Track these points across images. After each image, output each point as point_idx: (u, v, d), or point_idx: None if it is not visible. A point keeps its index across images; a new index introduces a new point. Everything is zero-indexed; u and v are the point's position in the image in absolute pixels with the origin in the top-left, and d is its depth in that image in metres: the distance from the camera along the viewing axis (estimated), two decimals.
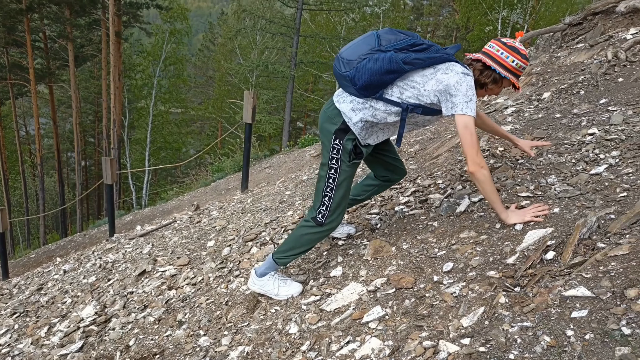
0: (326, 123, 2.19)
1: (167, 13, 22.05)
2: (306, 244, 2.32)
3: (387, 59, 1.97)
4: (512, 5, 20.47)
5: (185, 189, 12.53)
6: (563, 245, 1.76)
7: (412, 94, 2.04)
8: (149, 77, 23.63)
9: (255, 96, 5.83)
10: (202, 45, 40.07)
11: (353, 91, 2.07)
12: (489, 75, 2.09)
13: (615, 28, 4.87)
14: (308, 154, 7.67)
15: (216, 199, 6.81)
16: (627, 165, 2.13)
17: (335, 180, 2.20)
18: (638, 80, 3.11)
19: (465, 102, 1.96)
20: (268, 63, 19.34)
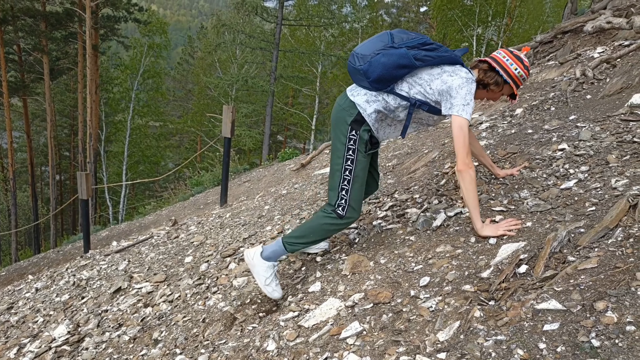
0: (341, 116, 2.26)
1: (146, 27, 21.94)
2: (322, 235, 2.33)
3: (399, 55, 2.11)
4: (486, 23, 21.06)
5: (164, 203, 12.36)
6: (535, 259, 1.80)
7: (419, 91, 2.18)
8: (126, 90, 23.40)
9: (234, 110, 5.83)
10: (182, 59, 39.93)
11: (366, 84, 2.20)
12: (492, 77, 2.22)
13: (584, 46, 5.06)
14: (288, 167, 7.67)
15: (195, 213, 6.74)
16: (596, 180, 2.20)
17: (352, 172, 2.25)
18: (605, 97, 3.23)
19: (462, 105, 2.09)
20: (248, 77, 19.39)
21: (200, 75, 28.33)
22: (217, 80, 21.78)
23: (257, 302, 2.48)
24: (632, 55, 3.64)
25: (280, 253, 2.38)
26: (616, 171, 2.20)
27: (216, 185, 9.43)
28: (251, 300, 2.51)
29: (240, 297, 2.60)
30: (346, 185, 2.27)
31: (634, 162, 2.22)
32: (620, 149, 2.37)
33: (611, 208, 1.87)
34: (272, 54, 19.24)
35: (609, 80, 3.43)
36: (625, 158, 2.28)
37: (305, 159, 7.05)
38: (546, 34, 5.98)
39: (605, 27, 4.83)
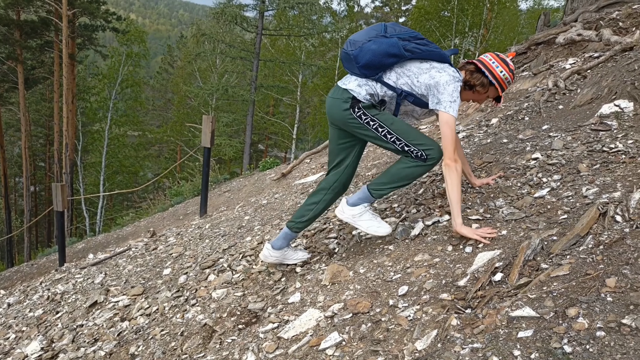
0: (337, 107, 2.30)
1: (124, 36, 21.73)
2: (407, 178, 2.31)
3: (390, 43, 2.19)
4: (464, 34, 21.50)
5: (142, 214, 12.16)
6: (510, 267, 1.83)
7: (406, 82, 2.25)
8: (104, 99, 23.06)
9: (214, 120, 5.80)
10: (161, 68, 39.62)
11: (356, 70, 2.26)
12: (478, 78, 2.29)
13: (556, 58, 5.21)
14: (268, 177, 7.65)
15: (174, 224, 6.65)
16: (567, 189, 2.26)
17: (391, 131, 2.24)
18: (576, 107, 3.32)
19: (449, 101, 2.15)
20: (228, 87, 19.33)
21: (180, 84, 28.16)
22: (197, 90, 21.66)
23: (237, 313, 2.46)
24: (601, 67, 3.76)
25: (367, 200, 2.41)
26: (587, 180, 2.26)
27: (196, 196, 9.34)
28: (230, 312, 2.48)
29: (219, 309, 2.57)
30: (400, 142, 2.24)
31: (603, 170, 2.28)
32: (591, 158, 2.44)
33: (582, 216, 1.93)
34: (252, 64, 19.24)
35: (580, 91, 3.54)
36: (596, 167, 2.35)
37: (286, 168, 7.04)
38: (520, 45, 6.13)
39: (576, 39, 4.98)
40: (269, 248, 2.63)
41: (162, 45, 56.67)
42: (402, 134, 2.24)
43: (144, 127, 29.10)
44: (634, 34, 4.13)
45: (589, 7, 5.95)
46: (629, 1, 5.59)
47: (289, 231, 2.59)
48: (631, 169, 2.19)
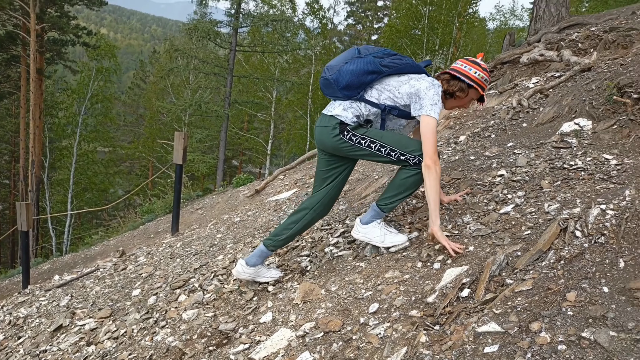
0: (326, 137, 2.35)
1: (95, 51, 21.40)
2: (412, 187, 2.35)
3: (366, 62, 2.30)
4: (434, 52, 22.04)
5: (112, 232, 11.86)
6: (477, 283, 1.87)
7: (388, 96, 2.33)
8: (73, 115, 22.56)
9: (186, 137, 5.75)
10: (133, 83, 39.09)
11: (338, 94, 2.34)
12: (456, 84, 2.37)
13: (521, 77, 5.40)
14: (242, 194, 7.60)
15: (144, 243, 6.51)
16: (531, 205, 2.34)
17: (383, 144, 2.29)
18: (539, 125, 3.45)
19: (430, 105, 2.23)
20: (201, 102, 19.23)
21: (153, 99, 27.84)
22: (170, 105, 21.46)
23: (207, 335, 2.42)
24: (562, 86, 3.92)
25: (378, 217, 2.45)
26: (549, 196, 2.35)
27: (168, 213, 9.18)
28: (201, 334, 2.44)
29: (189, 330, 2.53)
30: (395, 152, 2.29)
31: (564, 187, 2.37)
32: (552, 174, 2.53)
33: (544, 232, 1.99)
34: (226, 79, 19.22)
35: (542, 109, 3.68)
36: (557, 183, 2.43)
37: (260, 185, 7.02)
38: (487, 64, 6.34)
39: (538, 59, 5.19)
40: (242, 264, 2.62)
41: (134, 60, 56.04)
42: (394, 144, 2.30)
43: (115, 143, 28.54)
44: (592, 55, 4.33)
45: (551, 28, 6.21)
46: (587, 23, 5.87)
47: (265, 249, 2.58)
48: (590, 185, 2.28)
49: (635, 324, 1.39)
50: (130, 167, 33.96)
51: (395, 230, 2.48)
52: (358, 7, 36.86)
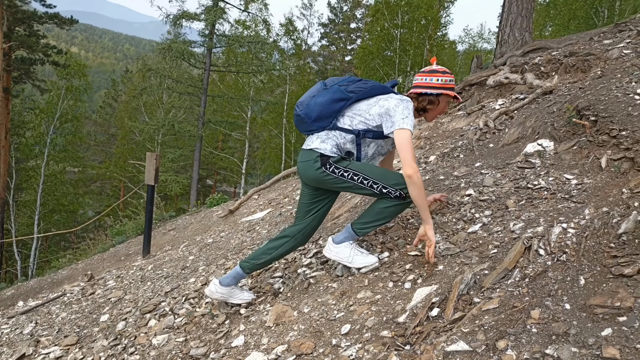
0: (309, 170, 2.38)
1: (64, 70, 21.04)
2: (390, 216, 2.39)
3: (332, 91, 2.37)
4: (406, 73, 22.56)
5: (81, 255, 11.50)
6: (446, 302, 1.91)
7: (360, 120, 2.37)
8: (41, 135, 21.99)
9: (158, 157, 5.70)
10: (104, 102, 38.49)
11: (312, 127, 2.39)
12: (424, 99, 2.42)
13: (488, 98, 5.58)
14: (215, 214, 7.53)
15: (114, 266, 6.35)
16: (497, 224, 2.41)
17: (366, 176, 2.32)
18: (504, 146, 3.57)
19: (402, 118, 2.25)
20: (175, 122, 19.05)
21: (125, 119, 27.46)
22: (143, 125, 21.18)
23: None
24: (526, 108, 4.08)
25: (352, 238, 2.47)
26: (514, 215, 2.42)
27: (139, 235, 8.98)
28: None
29: (159, 356, 2.47)
30: (377, 185, 2.31)
31: (528, 206, 2.45)
32: (517, 194, 2.61)
33: (510, 250, 2.05)
34: (200, 99, 19.16)
35: (508, 130, 3.81)
36: (522, 203, 2.52)
37: (234, 205, 6.97)
38: (456, 86, 6.53)
39: (504, 82, 5.38)
40: (216, 284, 2.59)
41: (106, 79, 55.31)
42: (377, 177, 2.32)
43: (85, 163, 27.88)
44: (553, 79, 4.53)
45: (515, 52, 6.47)
46: (550, 47, 6.14)
47: (241, 271, 2.57)
48: (552, 204, 2.37)
49: (595, 340, 1.44)
50: (101, 187, 33.19)
51: (365, 251, 2.51)
52: (331, 29, 37.54)
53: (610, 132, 2.63)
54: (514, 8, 6.89)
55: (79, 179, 27.16)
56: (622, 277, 1.62)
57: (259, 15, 20.04)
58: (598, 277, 1.69)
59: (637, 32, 4.66)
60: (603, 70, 4.14)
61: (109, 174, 28.42)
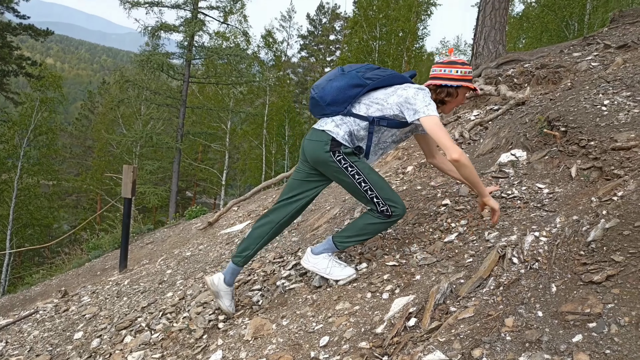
0: (317, 149, 2.33)
1: (38, 82, 20.64)
2: (371, 233, 2.39)
3: (350, 76, 2.35)
4: None
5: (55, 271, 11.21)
6: (423, 311, 1.92)
7: (377, 109, 2.35)
8: (14, 147, 21.46)
9: (135, 170, 5.62)
10: (80, 114, 37.84)
11: (326, 110, 2.37)
12: (443, 91, 2.41)
13: (463, 109, 5.69)
14: (194, 226, 7.44)
15: (90, 281, 6.20)
16: (473, 233, 2.44)
17: (365, 179, 2.31)
18: (480, 156, 3.64)
19: (424, 106, 2.24)
20: (153, 134, 18.85)
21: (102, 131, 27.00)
22: (120, 137, 20.89)
23: None
24: (500, 119, 4.17)
25: (331, 250, 2.46)
26: (488, 224, 2.46)
27: (116, 249, 8.81)
28: None
29: None
30: (371, 192, 2.31)
31: (502, 215, 2.50)
32: None
33: (485, 259, 2.08)
34: (179, 111, 19.02)
35: (482, 140, 3.89)
36: None
37: (213, 217, 6.91)
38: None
39: (479, 93, 5.50)
40: (220, 279, 2.56)
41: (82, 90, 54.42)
42: (375, 186, 2.32)
43: (60, 176, 27.25)
44: (526, 90, 4.65)
45: (490, 64, 6.62)
46: (522, 60, 6.31)
47: (235, 266, 2.55)
48: (525, 213, 2.42)
49: (567, 346, 1.47)
50: (77, 200, 32.49)
51: (343, 263, 2.51)
52: (311, 41, 37.85)
53: (579, 142, 2.71)
54: (488, 21, 7.07)
55: (53, 192, 26.53)
56: (592, 284, 1.66)
57: (239, 27, 20.09)
58: (569, 284, 1.73)
59: (604, 45, 4.83)
60: (572, 82, 4.28)
61: (85, 186, 27.84)
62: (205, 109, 21.99)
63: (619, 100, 2.97)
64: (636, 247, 1.70)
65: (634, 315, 1.47)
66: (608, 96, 3.07)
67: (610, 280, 1.64)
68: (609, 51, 4.60)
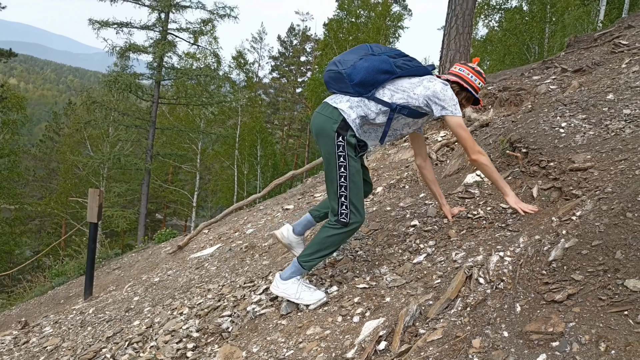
0: (325, 124, 2.31)
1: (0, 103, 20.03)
2: (332, 246, 2.36)
3: (381, 60, 2.32)
4: None
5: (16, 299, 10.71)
6: (392, 334, 1.93)
7: (402, 97, 2.35)
8: None
9: (101, 194, 5.49)
10: (45, 136, 36.77)
11: (349, 88, 2.33)
12: (465, 96, 2.49)
13: (431, 130, 5.82)
14: (164, 250, 7.27)
15: (52, 310, 5.95)
16: (441, 254, 2.48)
17: (347, 178, 2.30)
18: (446, 177, 3.72)
19: (453, 104, 2.31)
20: (121, 155, 18.47)
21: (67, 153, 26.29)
22: (86, 159, 20.37)
23: None
24: None
25: (299, 273, 2.43)
26: (456, 245, 2.51)
27: (81, 275, 8.50)
28: None
29: None
30: (344, 191, 2.31)
31: (469, 236, 2.55)
32: (458, 224, 2.72)
33: (452, 280, 2.12)
34: (148, 132, 18.74)
35: (449, 161, 3.98)
36: (462, 232, 2.62)
37: (183, 240, 6.77)
38: None
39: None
40: (289, 229, 2.71)
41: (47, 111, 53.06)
42: (351, 189, 2.32)
43: (23, 200, 26.27)
44: (489, 112, 4.81)
45: None
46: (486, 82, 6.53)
47: (311, 218, 2.71)
48: (490, 233, 2.48)
49: None
50: (41, 225, 31.29)
51: (313, 287, 2.50)
52: (282, 62, 38.19)
53: (540, 163, 2.81)
54: (453, 45, 7.31)
55: (15, 217, 25.50)
56: (554, 302, 1.71)
57: (209, 48, 20.11)
58: (532, 303, 1.77)
59: (561, 69, 5.05)
60: (533, 104, 4.45)
61: (49, 210, 26.89)
62: (175, 129, 21.75)
63: (576, 122, 3.10)
64: (594, 266, 1.77)
65: (594, 333, 1.52)
66: (565, 119, 3.21)
67: (571, 299, 1.69)
68: (566, 75, 4.82)
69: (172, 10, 18.42)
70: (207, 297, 3.23)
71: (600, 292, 1.66)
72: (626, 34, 5.23)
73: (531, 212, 2.45)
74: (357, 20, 24.92)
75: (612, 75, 4.05)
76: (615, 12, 13.26)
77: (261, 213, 6.16)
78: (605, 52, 4.95)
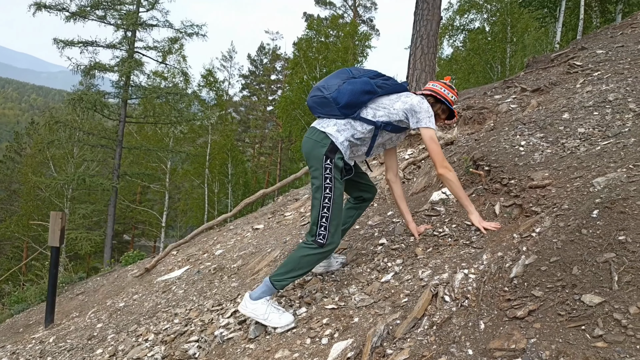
0: (315, 149, 2.43)
1: None
2: (306, 266, 2.38)
3: (363, 82, 2.47)
4: None
5: None
6: (361, 355, 1.92)
7: (384, 113, 2.50)
8: None
9: (64, 217, 5.32)
10: (5, 156, 35.49)
11: (336, 111, 2.45)
12: (440, 107, 2.63)
13: (399, 148, 5.92)
14: (130, 273, 7.06)
15: (10, 340, 5.67)
16: (407, 272, 2.51)
17: (331, 200, 2.36)
18: (413, 194, 3.78)
19: (427, 117, 2.47)
20: (86, 176, 17.97)
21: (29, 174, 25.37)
22: (50, 180, 19.69)
23: None
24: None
25: (269, 292, 2.42)
26: (422, 262, 2.54)
27: (43, 301, 8.15)
28: None
29: None
30: (326, 212, 2.36)
31: (435, 253, 2.59)
32: (425, 242, 2.76)
33: (419, 298, 2.14)
34: (115, 151, 18.34)
35: (416, 179, 4.05)
36: (429, 250, 2.65)
37: (151, 262, 6.60)
38: None
39: (412, 133, 5.76)
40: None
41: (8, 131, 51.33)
42: (332, 212, 2.38)
43: None
44: (454, 131, 4.94)
45: None
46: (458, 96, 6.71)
47: None
48: (455, 250, 2.53)
49: None
50: (0, 249, 29.94)
51: (282, 309, 2.48)
52: (252, 80, 38.28)
53: (501, 181, 2.89)
54: (419, 65, 7.51)
55: None
56: (516, 319, 1.75)
57: (177, 67, 19.98)
58: (495, 320, 1.80)
59: (521, 88, 5.25)
60: (495, 123, 4.60)
61: (10, 233, 25.79)
62: (143, 149, 21.36)
63: (534, 141, 3.22)
64: (553, 282, 1.82)
65: (554, 349, 1.55)
66: (524, 137, 3.32)
67: (531, 315, 1.73)
68: (525, 94, 5.01)
69: (138, 28, 18.26)
70: (173, 322, 3.15)
71: (559, 307, 1.71)
72: (580, 55, 5.50)
73: (494, 230, 2.52)
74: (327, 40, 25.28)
75: (568, 94, 4.24)
76: (571, 34, 13.93)
77: (231, 233, 6.08)
78: (562, 73, 5.18)
